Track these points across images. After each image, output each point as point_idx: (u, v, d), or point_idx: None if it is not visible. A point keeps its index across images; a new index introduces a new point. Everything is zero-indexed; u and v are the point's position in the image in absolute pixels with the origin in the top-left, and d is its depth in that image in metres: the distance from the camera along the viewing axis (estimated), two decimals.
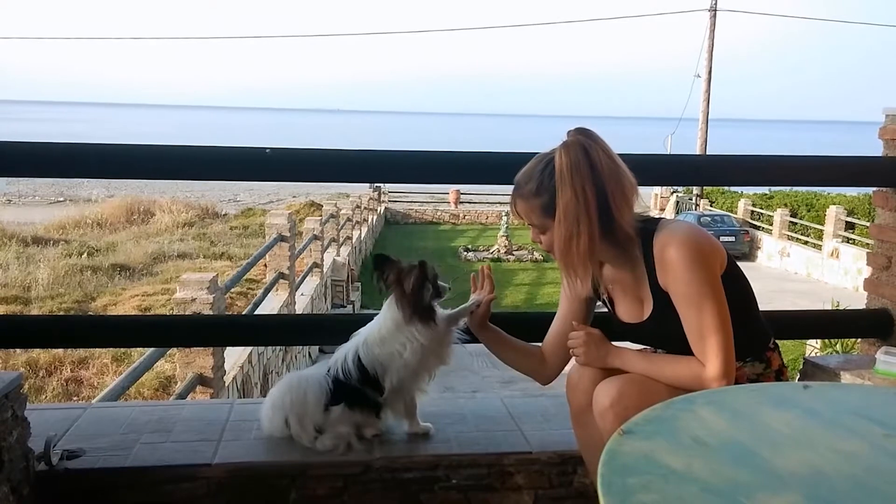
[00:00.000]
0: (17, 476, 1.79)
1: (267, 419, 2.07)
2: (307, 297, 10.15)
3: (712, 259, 1.57)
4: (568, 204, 1.55)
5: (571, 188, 1.55)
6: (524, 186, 1.65)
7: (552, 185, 1.58)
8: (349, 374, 1.96)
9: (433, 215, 28.19)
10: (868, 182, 2.58)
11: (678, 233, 1.58)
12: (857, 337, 3.19)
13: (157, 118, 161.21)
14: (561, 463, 2.07)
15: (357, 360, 1.96)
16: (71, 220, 17.82)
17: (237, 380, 6.10)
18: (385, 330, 1.97)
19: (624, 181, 1.59)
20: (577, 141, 1.58)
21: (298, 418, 2.00)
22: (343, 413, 2.00)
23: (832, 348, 7.50)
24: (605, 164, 1.57)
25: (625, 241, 1.62)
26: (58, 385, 6.24)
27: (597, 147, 1.58)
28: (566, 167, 1.55)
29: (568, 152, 1.57)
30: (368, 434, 2.07)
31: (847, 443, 1.12)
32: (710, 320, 1.53)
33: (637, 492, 0.97)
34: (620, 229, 1.60)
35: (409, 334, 1.93)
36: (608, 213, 1.57)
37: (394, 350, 1.95)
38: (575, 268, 1.62)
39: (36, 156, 2.18)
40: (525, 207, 1.67)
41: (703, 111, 24.85)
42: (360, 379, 1.96)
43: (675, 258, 1.54)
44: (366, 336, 2.00)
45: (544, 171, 1.61)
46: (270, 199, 32.26)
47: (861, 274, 14.58)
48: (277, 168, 2.26)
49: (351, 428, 2.03)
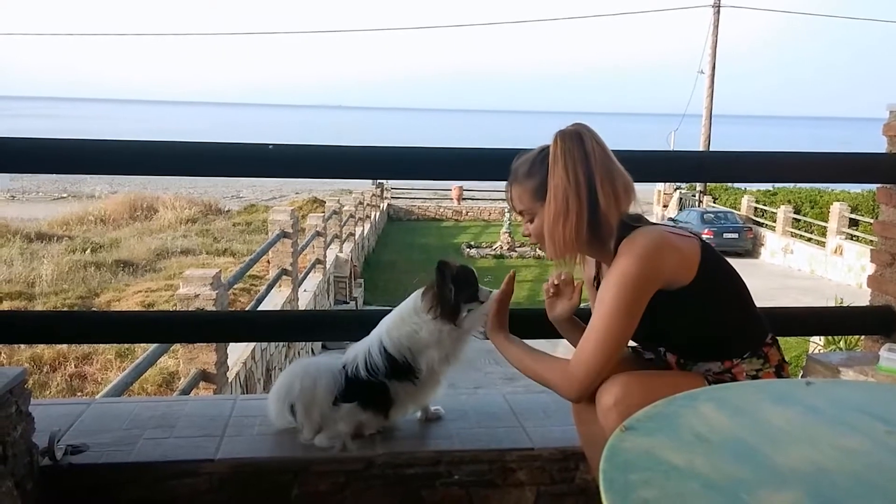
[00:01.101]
0: (22, 471, 1.80)
1: (274, 404, 2.08)
2: (310, 293, 10.16)
3: (647, 286, 1.56)
4: (558, 185, 1.59)
5: (563, 170, 1.58)
6: (518, 170, 1.70)
7: (545, 168, 1.62)
8: (375, 369, 1.97)
9: (436, 212, 28.20)
10: (872, 179, 2.58)
11: (637, 245, 1.57)
12: (861, 334, 3.18)
13: (158, 115, 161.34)
14: (563, 459, 2.08)
15: (383, 350, 1.97)
16: (74, 216, 17.85)
17: (240, 376, 6.12)
18: (405, 312, 2.00)
19: (615, 176, 1.61)
20: (573, 129, 1.63)
21: (306, 407, 2.00)
22: (352, 411, 2.00)
23: (835, 345, 7.49)
24: (597, 154, 1.60)
25: (606, 236, 1.64)
26: (62, 381, 6.26)
27: (591, 138, 1.62)
28: (560, 151, 1.59)
29: (563, 138, 1.61)
30: (367, 432, 2.08)
31: (849, 439, 1.12)
32: (604, 334, 1.55)
33: (638, 488, 0.97)
34: (605, 222, 1.61)
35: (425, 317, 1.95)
36: (595, 202, 1.59)
37: (411, 329, 1.96)
38: (561, 251, 1.63)
39: (39, 152, 2.18)
40: (518, 191, 1.70)
41: (706, 107, 24.80)
42: (388, 371, 1.97)
43: (617, 266, 1.57)
44: (386, 325, 2.02)
45: (538, 156, 1.67)
46: (273, 195, 32.29)
47: (865, 271, 14.55)
48: (280, 164, 2.27)
49: (352, 427, 2.03)
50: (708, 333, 1.67)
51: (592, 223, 1.61)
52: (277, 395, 2.06)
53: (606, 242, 1.65)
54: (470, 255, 19.63)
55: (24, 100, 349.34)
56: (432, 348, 1.96)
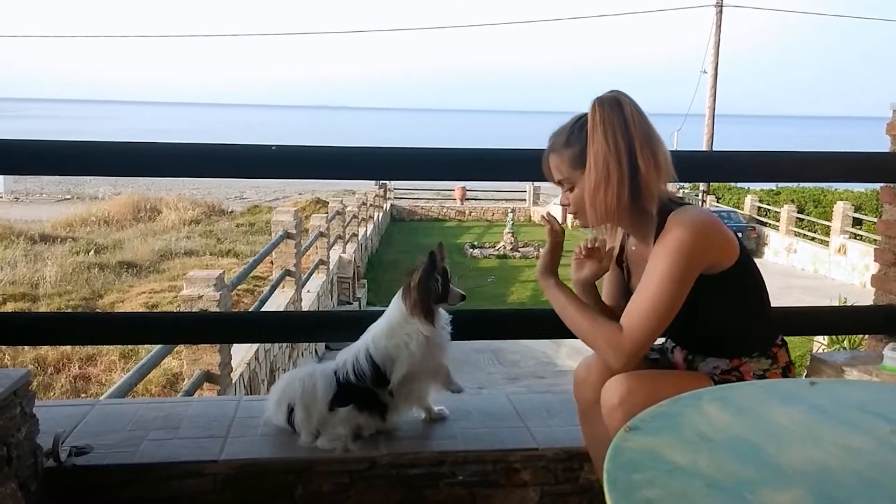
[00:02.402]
0: (26, 472, 1.80)
1: (273, 406, 2.10)
2: (313, 293, 10.16)
3: (700, 258, 1.55)
4: (598, 151, 1.56)
5: (603, 136, 1.56)
6: (556, 140, 1.67)
7: (583, 136, 1.60)
8: (363, 375, 1.97)
9: (439, 212, 28.20)
10: (875, 178, 2.57)
11: (691, 217, 1.57)
12: (864, 333, 3.18)
13: (160, 116, 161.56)
14: (567, 459, 2.07)
15: (368, 357, 1.97)
16: (78, 217, 17.88)
17: (244, 377, 6.12)
18: (394, 321, 1.99)
19: (654, 142, 1.59)
20: (611, 95, 1.60)
21: (306, 410, 2.01)
22: (349, 415, 2.00)
23: (839, 345, 7.47)
24: (636, 121, 1.58)
25: (647, 204, 1.61)
26: (66, 382, 6.27)
27: (630, 104, 1.59)
28: (599, 117, 1.57)
29: (601, 104, 1.58)
30: (366, 434, 2.08)
31: (853, 438, 1.12)
32: (655, 303, 1.53)
33: (642, 487, 0.97)
34: (645, 188, 1.58)
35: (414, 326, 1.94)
36: (635, 168, 1.56)
37: (401, 342, 1.96)
38: (602, 218, 1.61)
39: (42, 154, 2.19)
40: (556, 161, 1.67)
41: (709, 107, 24.73)
42: (374, 378, 1.97)
43: (670, 236, 1.55)
44: (374, 332, 2.01)
45: (576, 124, 1.64)
46: (276, 196, 32.32)
47: (868, 270, 14.51)
48: (283, 165, 2.27)
49: (351, 430, 2.03)
50: (728, 325, 1.67)
51: (633, 189, 1.58)
52: (277, 399, 2.08)
53: (647, 211, 1.62)
54: (473, 255, 19.62)
55: (27, 101, 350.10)
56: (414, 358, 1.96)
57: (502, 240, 20.98)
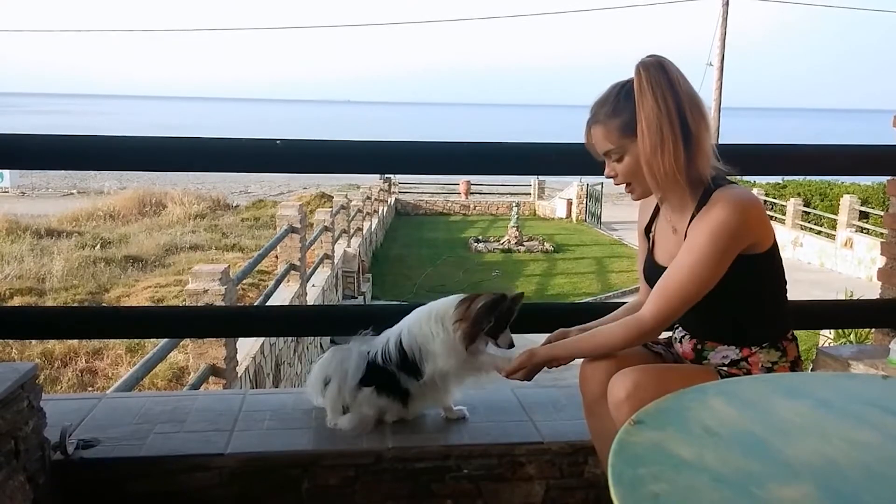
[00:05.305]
0: (34, 465, 1.81)
1: (312, 379, 2.15)
2: (318, 288, 10.18)
3: (741, 239, 1.55)
4: (650, 115, 1.54)
5: (653, 98, 1.54)
6: (600, 110, 1.64)
7: (631, 102, 1.57)
8: (388, 358, 1.99)
9: (444, 206, 28.16)
10: (882, 171, 2.56)
11: (737, 195, 1.56)
12: (871, 327, 3.17)
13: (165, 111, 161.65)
14: (572, 453, 2.07)
15: (399, 343, 1.99)
16: (84, 212, 17.91)
17: (249, 370, 6.14)
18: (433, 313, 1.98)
19: (698, 101, 1.58)
20: (652, 59, 1.58)
21: (339, 383, 2.04)
22: (371, 396, 2.03)
23: (846, 338, 7.45)
24: (682, 81, 1.57)
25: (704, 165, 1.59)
26: (73, 376, 6.29)
27: (672, 66, 1.58)
28: (645, 80, 1.55)
29: (646, 67, 1.57)
30: (389, 419, 2.10)
31: (859, 433, 1.12)
32: (690, 276, 1.55)
33: (648, 482, 0.97)
34: (699, 148, 1.57)
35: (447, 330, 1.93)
36: (687, 128, 1.55)
37: (429, 332, 1.96)
38: (663, 181, 1.59)
39: (48, 149, 2.19)
40: (602, 131, 1.63)
41: (715, 100, 24.65)
42: (399, 363, 1.99)
43: (714, 212, 1.54)
44: (411, 320, 2.02)
45: (621, 91, 1.61)
46: (281, 190, 32.32)
47: (875, 264, 14.45)
48: (288, 159, 2.27)
49: (374, 412, 2.06)
50: (746, 311, 1.67)
51: (688, 150, 1.57)
52: (317, 370, 2.12)
53: (703, 175, 1.60)
54: (478, 249, 19.60)
55: (31, 96, 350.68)
56: (440, 360, 1.96)
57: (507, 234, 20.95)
